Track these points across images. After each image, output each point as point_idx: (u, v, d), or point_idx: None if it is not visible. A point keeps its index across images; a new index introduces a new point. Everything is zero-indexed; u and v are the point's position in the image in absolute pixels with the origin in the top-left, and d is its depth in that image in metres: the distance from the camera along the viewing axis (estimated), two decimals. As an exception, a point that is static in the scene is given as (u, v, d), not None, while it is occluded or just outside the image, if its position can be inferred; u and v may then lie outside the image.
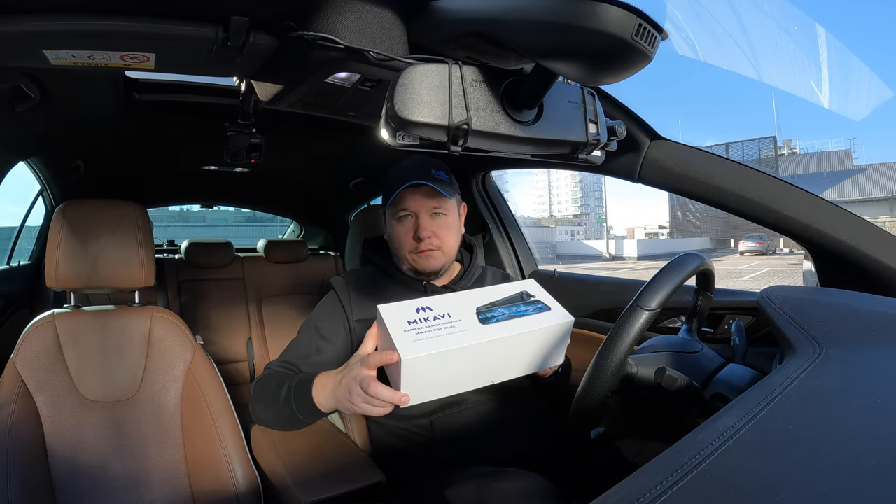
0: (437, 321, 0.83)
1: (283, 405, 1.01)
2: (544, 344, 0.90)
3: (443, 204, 1.16)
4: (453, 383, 0.84)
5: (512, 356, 0.88)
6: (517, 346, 0.87)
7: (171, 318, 1.31)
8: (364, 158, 2.13)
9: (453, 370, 0.83)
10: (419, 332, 0.81)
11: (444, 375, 0.83)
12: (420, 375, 0.80)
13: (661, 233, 60.82)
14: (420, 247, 1.14)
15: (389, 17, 0.80)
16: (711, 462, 0.44)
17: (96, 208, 1.27)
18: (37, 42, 0.78)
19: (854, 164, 41.83)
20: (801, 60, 29.84)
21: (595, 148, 0.80)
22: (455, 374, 0.84)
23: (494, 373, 0.88)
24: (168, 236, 3.19)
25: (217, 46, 0.81)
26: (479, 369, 0.86)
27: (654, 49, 0.60)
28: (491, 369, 0.87)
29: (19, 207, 2.16)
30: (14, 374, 1.13)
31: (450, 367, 0.82)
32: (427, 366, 0.79)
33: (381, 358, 0.81)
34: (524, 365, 0.91)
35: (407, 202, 1.14)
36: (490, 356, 0.85)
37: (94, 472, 1.14)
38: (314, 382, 0.97)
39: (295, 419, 1.01)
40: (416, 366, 0.79)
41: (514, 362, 0.89)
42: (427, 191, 1.14)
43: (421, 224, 1.13)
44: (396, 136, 0.67)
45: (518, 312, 0.88)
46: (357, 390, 0.85)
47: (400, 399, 0.81)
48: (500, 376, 0.89)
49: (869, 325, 0.73)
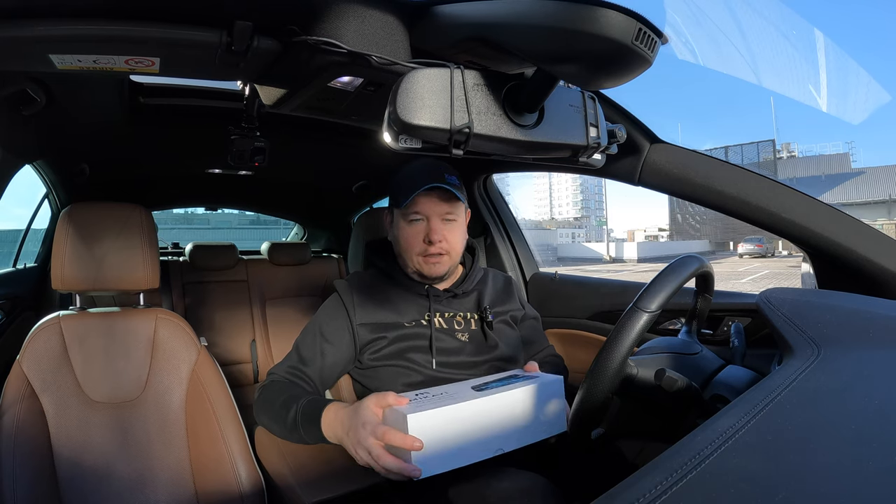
0: (435, 397, 0.90)
1: (291, 428, 1.01)
2: (539, 400, 0.94)
3: (455, 209, 1.17)
4: (461, 450, 0.85)
5: (512, 416, 0.91)
6: (513, 403, 0.91)
7: (175, 320, 1.31)
8: (367, 162, 2.13)
9: (458, 433, 0.85)
10: (420, 403, 0.86)
11: (449, 439, 0.84)
12: (426, 437, 0.81)
13: (661, 235, 60.62)
14: (429, 250, 1.14)
15: (392, 22, 0.80)
16: (711, 462, 0.44)
17: (101, 211, 1.28)
18: (43, 47, 0.78)
19: (852, 168, 41.80)
20: (800, 64, 29.76)
21: (595, 151, 0.80)
22: (461, 438, 0.85)
23: (500, 438, 0.89)
24: (172, 239, 3.20)
25: (221, 51, 0.81)
26: (484, 433, 0.87)
27: (654, 53, 0.60)
28: (495, 433, 0.89)
29: (25, 210, 2.17)
30: (20, 376, 1.14)
31: (453, 428, 0.84)
32: (431, 423, 0.82)
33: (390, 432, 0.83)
34: (527, 427, 0.93)
35: (420, 205, 1.14)
36: (490, 417, 0.88)
37: (99, 472, 1.15)
38: (322, 419, 0.97)
39: (301, 440, 1.02)
40: (421, 423, 0.81)
41: (516, 423, 0.91)
42: (440, 195, 1.14)
43: (432, 228, 1.14)
44: (399, 139, 0.68)
45: (509, 382, 0.96)
46: (366, 456, 0.85)
47: (411, 472, 0.81)
48: (508, 443, 0.90)
49: (866, 327, 0.74)
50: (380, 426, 0.84)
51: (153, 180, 2.39)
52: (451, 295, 1.22)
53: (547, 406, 0.94)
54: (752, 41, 14.53)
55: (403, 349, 1.14)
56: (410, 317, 1.18)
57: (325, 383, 1.16)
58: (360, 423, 0.86)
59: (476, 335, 1.20)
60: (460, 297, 1.23)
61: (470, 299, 1.25)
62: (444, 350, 1.15)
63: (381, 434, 0.83)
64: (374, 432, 0.84)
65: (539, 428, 0.94)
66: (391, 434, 0.82)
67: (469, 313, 1.22)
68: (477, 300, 1.25)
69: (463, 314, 1.21)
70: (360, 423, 0.86)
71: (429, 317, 1.18)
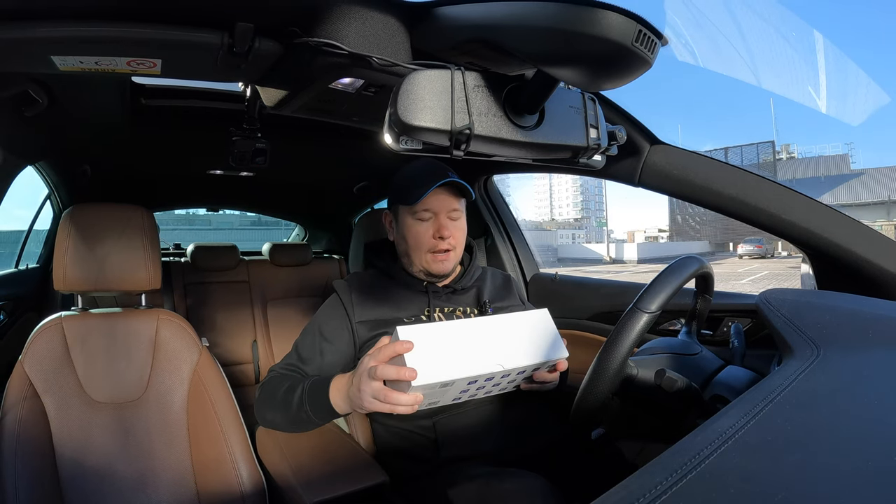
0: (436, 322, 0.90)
1: (297, 408, 1.02)
2: (534, 330, 0.94)
3: (461, 205, 1.19)
4: (460, 363, 0.85)
5: (510, 339, 0.91)
6: (511, 327, 0.91)
7: (177, 321, 1.32)
8: (368, 163, 2.14)
9: (452, 347, 0.85)
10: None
11: (444, 351, 0.84)
12: (423, 350, 0.82)
13: (661, 236, 60.59)
14: (440, 246, 1.15)
15: (393, 24, 0.80)
16: (710, 462, 0.45)
17: (103, 212, 1.28)
18: (45, 48, 0.79)
19: (851, 169, 41.84)
20: (799, 66, 29.76)
21: (596, 152, 0.80)
22: (459, 353, 0.85)
23: (500, 356, 0.88)
24: (174, 240, 3.20)
25: (223, 52, 0.82)
26: (483, 350, 0.87)
27: (653, 55, 0.60)
28: (494, 352, 0.88)
29: (27, 211, 2.18)
30: (22, 376, 1.14)
31: (447, 344, 0.85)
32: (420, 337, 0.83)
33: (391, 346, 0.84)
34: (527, 350, 0.92)
35: (430, 202, 1.16)
36: (487, 336, 0.88)
37: (101, 472, 1.15)
38: (330, 385, 0.98)
39: (308, 420, 1.02)
40: (408, 334, 0.82)
41: (515, 346, 0.91)
42: (449, 191, 1.16)
43: (442, 224, 1.15)
44: (400, 140, 0.68)
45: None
46: (366, 380, 0.86)
47: (407, 374, 0.81)
48: (508, 360, 0.89)
49: (866, 328, 0.74)
50: (379, 351, 0.86)
51: (155, 181, 2.39)
52: (450, 290, 1.22)
53: (542, 333, 0.95)
54: (752, 43, 14.58)
55: None
56: (410, 312, 1.18)
57: None
58: (360, 372, 0.88)
59: None
60: (459, 293, 1.24)
61: (469, 295, 1.25)
62: None
63: (381, 357, 0.85)
64: (370, 373, 0.85)
65: (538, 351, 0.93)
66: (390, 347, 0.84)
67: (469, 308, 1.23)
68: (476, 296, 1.25)
69: (463, 309, 1.22)
70: (360, 372, 0.88)
71: (428, 311, 1.18)
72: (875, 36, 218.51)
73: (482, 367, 0.86)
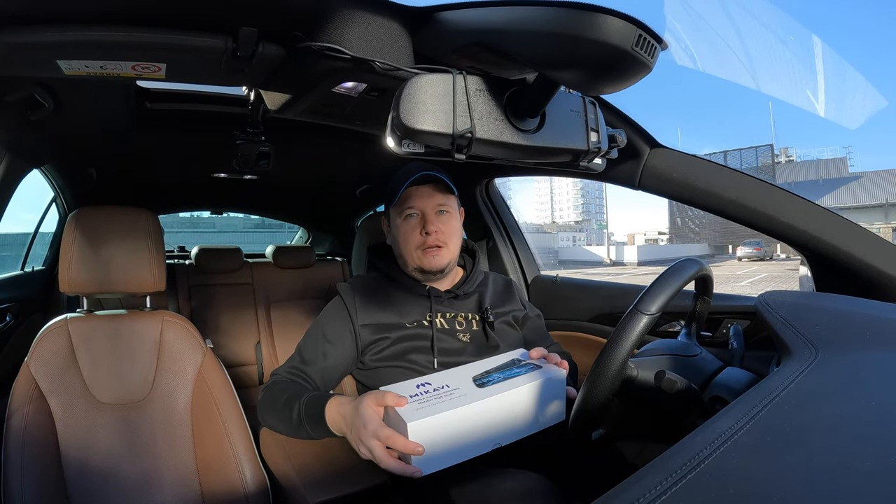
0: (437, 392, 0.88)
1: (297, 426, 1.02)
2: (540, 399, 0.93)
3: (447, 201, 1.19)
4: (460, 449, 0.85)
5: (511, 414, 0.90)
6: (514, 402, 0.90)
7: (181, 323, 1.33)
8: (370, 166, 2.14)
9: (457, 434, 0.84)
10: (421, 402, 0.85)
11: (449, 440, 0.84)
12: (426, 440, 0.81)
13: (661, 239, 60.41)
14: (427, 241, 1.16)
15: (395, 28, 0.81)
16: (710, 463, 0.45)
17: (108, 215, 1.29)
18: (50, 52, 0.79)
19: (849, 172, 41.80)
20: (798, 70, 29.73)
21: (596, 156, 0.81)
22: (460, 438, 0.85)
23: (498, 434, 0.89)
24: (179, 242, 3.22)
25: (227, 57, 0.82)
26: (483, 431, 0.87)
27: (653, 59, 0.61)
28: (494, 430, 0.88)
29: (33, 214, 2.19)
30: (28, 377, 1.15)
31: (453, 430, 0.84)
32: (431, 428, 0.81)
33: (393, 436, 0.82)
34: (525, 423, 0.92)
35: (413, 200, 1.17)
36: (490, 415, 0.87)
37: (105, 472, 1.16)
38: (325, 415, 0.97)
39: (308, 435, 1.02)
40: (421, 429, 0.81)
41: (514, 421, 0.90)
42: (432, 187, 1.17)
43: (428, 219, 1.17)
44: (402, 144, 0.69)
45: (511, 374, 0.93)
46: (369, 436, 0.85)
47: (412, 473, 0.81)
48: (505, 438, 0.90)
49: (864, 329, 0.74)
50: (382, 429, 0.84)
51: (159, 184, 2.40)
52: (452, 296, 1.23)
53: (548, 400, 0.94)
54: (751, 47, 14.54)
55: (405, 350, 1.15)
56: (412, 317, 1.19)
57: (326, 384, 1.16)
58: (361, 424, 0.86)
59: (477, 336, 1.20)
60: (461, 299, 1.24)
61: (471, 300, 1.25)
62: (445, 350, 1.16)
63: (383, 437, 0.83)
64: (375, 434, 0.84)
65: (538, 421, 0.93)
66: (393, 439, 0.82)
67: (470, 314, 1.23)
68: (478, 301, 1.25)
69: (464, 315, 1.22)
70: (361, 424, 0.86)
71: (430, 317, 1.18)
72: (873, 39, 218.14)
73: (482, 447, 0.87)
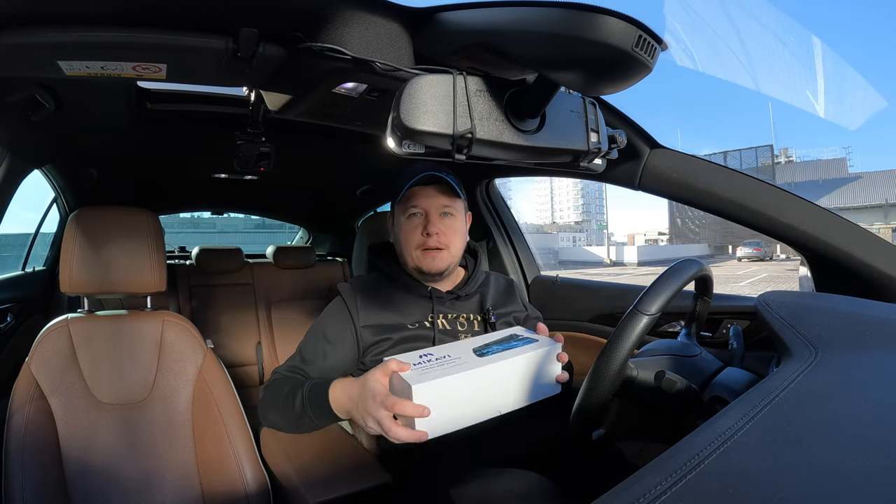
0: (439, 360, 0.90)
1: (300, 411, 1.02)
2: (538, 369, 0.94)
3: (452, 203, 1.18)
4: (463, 415, 0.87)
5: (511, 382, 0.92)
6: (514, 371, 0.92)
7: (182, 323, 1.33)
8: (371, 166, 2.14)
9: (460, 399, 0.86)
10: (425, 369, 0.87)
11: (452, 404, 0.85)
12: (430, 403, 0.83)
13: (661, 239, 60.43)
14: (428, 243, 1.16)
15: (396, 29, 0.81)
16: (710, 463, 0.45)
17: (109, 215, 1.29)
18: (51, 53, 0.79)
19: (849, 173, 41.92)
20: (798, 70, 29.75)
21: (596, 156, 0.81)
22: (462, 404, 0.87)
23: (498, 402, 0.91)
24: (179, 242, 3.22)
25: (227, 57, 0.82)
26: (484, 398, 0.89)
27: (653, 60, 0.61)
28: (495, 398, 0.90)
29: (34, 214, 2.19)
30: (29, 377, 1.15)
31: (456, 395, 0.85)
32: (435, 391, 0.83)
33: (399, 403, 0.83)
34: (524, 392, 0.93)
35: (418, 199, 1.17)
36: (491, 383, 0.89)
37: (106, 472, 1.16)
38: (329, 393, 0.98)
39: (310, 423, 1.03)
40: (425, 392, 0.82)
41: (514, 389, 0.92)
42: (438, 188, 1.17)
43: (431, 221, 1.16)
44: (402, 144, 0.69)
45: (510, 346, 0.96)
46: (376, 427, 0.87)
47: (419, 438, 0.83)
48: (504, 406, 0.92)
49: (863, 330, 0.74)
50: (388, 397, 0.85)
51: (160, 185, 2.40)
52: (453, 297, 1.22)
53: (545, 370, 0.95)
54: (751, 47, 14.52)
55: (406, 350, 1.15)
56: (414, 318, 1.19)
57: None
58: (369, 396, 0.87)
59: None
60: (463, 299, 1.24)
61: (472, 301, 1.25)
62: None
63: (390, 405, 0.84)
64: (383, 403, 0.85)
65: (536, 391, 0.95)
66: (400, 405, 0.83)
67: (472, 315, 1.23)
68: (479, 302, 1.25)
69: (466, 315, 1.22)
70: (369, 396, 0.87)
71: (432, 318, 1.18)
72: (872, 39, 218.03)
73: (483, 413, 0.89)
